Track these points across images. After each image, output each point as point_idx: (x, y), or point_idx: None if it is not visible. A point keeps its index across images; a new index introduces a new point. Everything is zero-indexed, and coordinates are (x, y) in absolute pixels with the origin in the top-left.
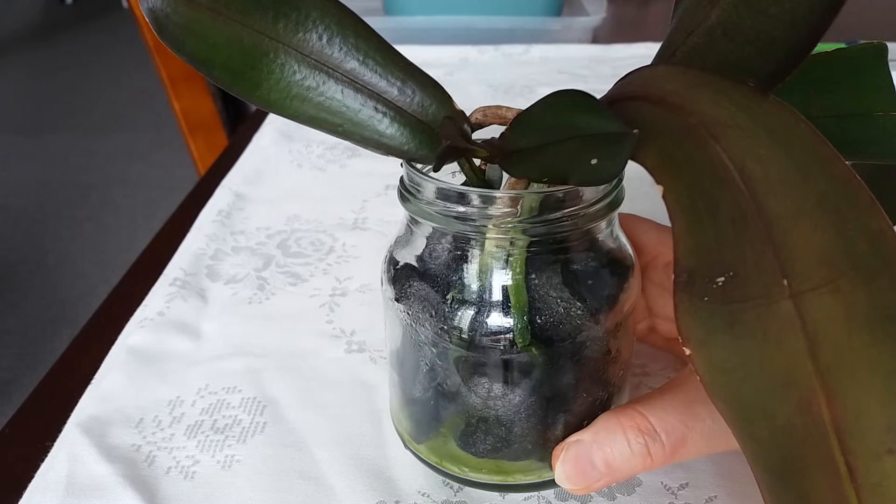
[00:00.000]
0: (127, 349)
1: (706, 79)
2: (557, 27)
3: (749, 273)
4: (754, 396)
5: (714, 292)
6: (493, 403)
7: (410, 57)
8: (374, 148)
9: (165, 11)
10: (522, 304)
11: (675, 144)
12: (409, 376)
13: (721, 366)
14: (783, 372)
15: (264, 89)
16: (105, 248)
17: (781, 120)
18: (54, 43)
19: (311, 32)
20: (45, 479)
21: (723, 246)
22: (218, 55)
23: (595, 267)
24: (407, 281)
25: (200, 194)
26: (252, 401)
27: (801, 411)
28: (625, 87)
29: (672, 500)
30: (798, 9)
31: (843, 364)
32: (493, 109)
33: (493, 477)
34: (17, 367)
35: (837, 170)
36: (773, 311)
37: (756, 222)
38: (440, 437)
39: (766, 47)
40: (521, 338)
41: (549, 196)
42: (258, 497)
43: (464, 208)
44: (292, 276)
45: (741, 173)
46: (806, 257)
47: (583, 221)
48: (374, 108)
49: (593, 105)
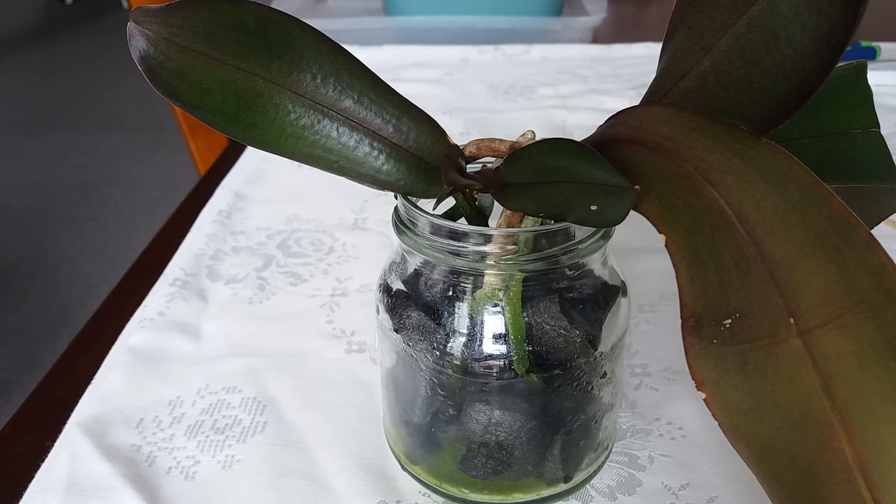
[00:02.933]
0: (127, 349)
1: (700, 123)
2: (557, 27)
3: (755, 314)
4: (774, 437)
5: (722, 334)
6: (493, 429)
7: (410, 57)
8: (370, 183)
9: (158, 59)
10: (520, 333)
11: (673, 192)
12: (406, 401)
13: (737, 407)
14: (799, 409)
15: (259, 129)
16: (105, 248)
17: (775, 162)
18: (54, 43)
19: (304, 73)
20: (45, 479)
21: (727, 289)
22: (212, 99)
23: (589, 294)
24: (404, 311)
25: (200, 194)
26: (252, 401)
27: (822, 449)
28: (618, 128)
29: (673, 501)
30: (790, 63)
31: (859, 398)
32: (486, 143)
33: (494, 496)
34: (17, 367)
35: (834, 208)
36: (782, 349)
37: (758, 264)
38: (438, 458)
39: (758, 97)
40: (519, 366)
41: (546, 232)
42: (258, 497)
43: (460, 244)
44: (292, 276)
45: (739, 217)
46: (811, 295)
47: (578, 254)
48: (370, 145)
49: (593, 157)
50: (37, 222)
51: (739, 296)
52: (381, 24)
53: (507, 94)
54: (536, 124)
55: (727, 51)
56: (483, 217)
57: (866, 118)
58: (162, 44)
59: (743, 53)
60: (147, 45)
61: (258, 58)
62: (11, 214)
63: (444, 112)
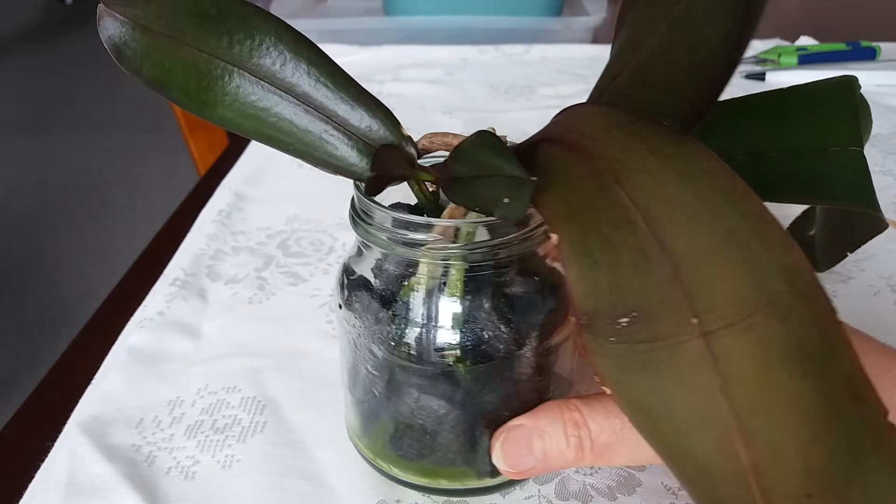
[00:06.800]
0: (127, 349)
1: (624, 120)
2: (557, 27)
3: (655, 313)
4: (675, 436)
5: (619, 333)
6: (418, 413)
7: (410, 57)
8: (324, 167)
9: (124, 39)
10: (454, 322)
11: (575, 190)
12: (348, 374)
13: (639, 405)
14: (698, 411)
15: (221, 108)
16: (105, 248)
17: (692, 160)
18: (54, 43)
19: (264, 58)
20: (45, 479)
21: (624, 288)
22: (175, 79)
23: (528, 291)
24: (354, 290)
25: (200, 194)
26: (252, 400)
27: (720, 452)
28: (552, 127)
29: (673, 501)
30: (703, 65)
31: (759, 403)
32: (439, 137)
33: (420, 479)
34: (17, 367)
35: (750, 206)
36: (684, 349)
37: (662, 263)
38: (373, 433)
39: (678, 98)
40: (449, 354)
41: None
42: (258, 497)
43: (400, 232)
44: (292, 276)
45: (645, 215)
46: (717, 295)
47: (517, 249)
48: (324, 129)
49: (501, 149)
50: (37, 222)
51: (637, 295)
52: (381, 24)
53: (507, 94)
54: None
55: (652, 51)
56: (441, 209)
57: (849, 136)
58: (128, 25)
59: (664, 53)
60: (114, 26)
61: (219, 42)
62: (11, 214)
63: (444, 112)
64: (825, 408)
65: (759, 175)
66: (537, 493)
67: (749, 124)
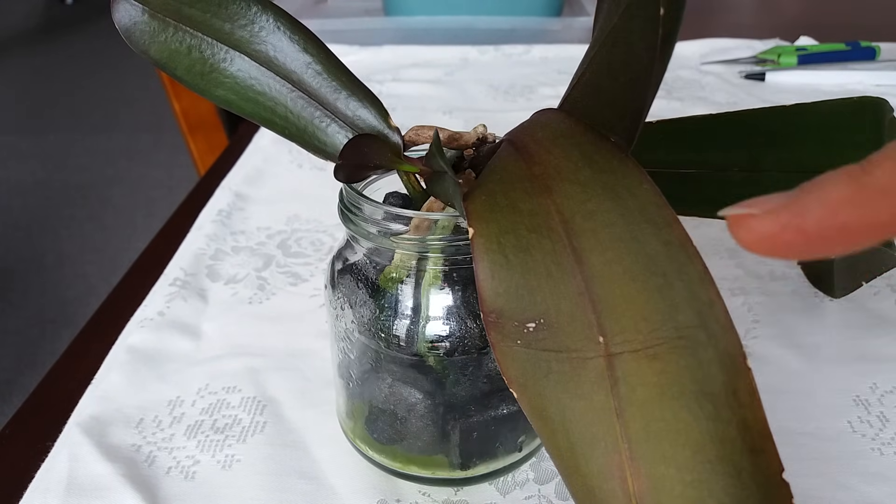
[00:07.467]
0: (127, 349)
1: (575, 131)
2: (557, 27)
3: (563, 325)
4: (569, 450)
5: (526, 337)
6: (391, 399)
7: (410, 57)
8: (314, 152)
9: (134, 21)
10: (426, 314)
11: (504, 191)
12: (335, 357)
13: (540, 413)
14: (592, 430)
15: (224, 90)
16: (105, 248)
17: (624, 178)
18: (54, 43)
19: (262, 45)
20: (45, 479)
21: (535, 293)
22: (181, 61)
23: None
24: (342, 274)
25: (200, 194)
26: (252, 400)
27: (607, 475)
28: (518, 128)
29: None
30: (635, 82)
31: (650, 433)
32: (425, 130)
33: (392, 462)
34: (17, 367)
35: (674, 235)
36: (587, 366)
37: (575, 276)
38: (354, 417)
39: (621, 112)
40: (420, 345)
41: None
42: (258, 497)
43: (375, 224)
44: (292, 276)
45: (566, 226)
46: (626, 318)
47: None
48: (315, 115)
49: (439, 148)
50: (37, 222)
51: (547, 303)
52: (381, 24)
53: (507, 95)
54: None
55: (600, 63)
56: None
57: None
58: (138, 9)
59: (609, 67)
60: (126, 10)
61: (221, 27)
62: (11, 214)
63: (444, 112)
64: (716, 451)
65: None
66: (537, 492)
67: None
